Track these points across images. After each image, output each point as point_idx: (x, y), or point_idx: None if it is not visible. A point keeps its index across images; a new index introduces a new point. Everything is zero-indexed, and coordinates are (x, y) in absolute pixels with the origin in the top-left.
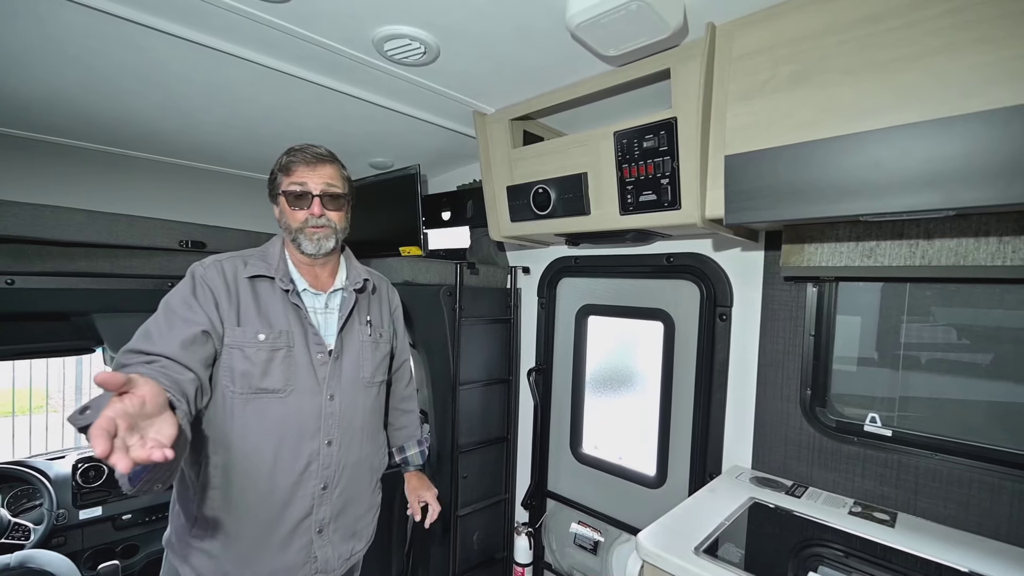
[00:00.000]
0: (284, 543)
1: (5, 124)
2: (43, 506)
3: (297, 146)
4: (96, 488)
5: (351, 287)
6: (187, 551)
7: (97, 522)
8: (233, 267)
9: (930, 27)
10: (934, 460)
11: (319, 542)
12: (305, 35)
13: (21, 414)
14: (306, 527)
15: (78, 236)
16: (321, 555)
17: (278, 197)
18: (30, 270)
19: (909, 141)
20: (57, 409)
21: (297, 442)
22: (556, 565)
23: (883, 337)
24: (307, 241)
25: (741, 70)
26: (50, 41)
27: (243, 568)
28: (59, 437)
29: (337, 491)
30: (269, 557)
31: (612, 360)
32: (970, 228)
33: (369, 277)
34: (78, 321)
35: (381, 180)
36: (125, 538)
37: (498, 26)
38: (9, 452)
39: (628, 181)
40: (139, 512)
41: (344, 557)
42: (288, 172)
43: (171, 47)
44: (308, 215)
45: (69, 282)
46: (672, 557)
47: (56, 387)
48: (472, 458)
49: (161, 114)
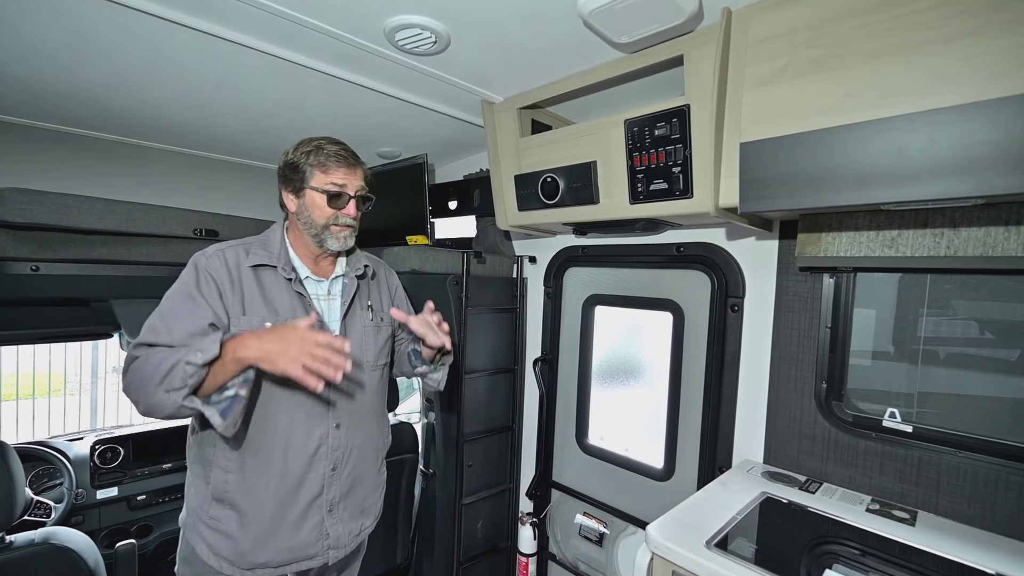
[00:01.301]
0: (298, 522)
1: (31, 116)
2: (63, 485)
3: (327, 141)
4: (113, 469)
5: (352, 273)
6: (204, 531)
7: (113, 502)
8: (235, 256)
9: (960, 8)
10: (958, 457)
11: (330, 520)
12: (317, 25)
13: (40, 396)
14: (318, 506)
15: (98, 224)
16: (333, 532)
17: (306, 191)
18: (53, 257)
19: (936, 127)
20: (74, 392)
21: (307, 426)
22: (560, 556)
23: (902, 330)
24: (333, 239)
25: (758, 55)
26: (73, 35)
27: (260, 546)
28: (75, 419)
29: (346, 471)
30: (284, 535)
31: (619, 350)
32: (999, 217)
33: (369, 263)
34: (97, 307)
35: (388, 169)
36: (140, 518)
37: (509, 13)
38: (30, 434)
39: (639, 169)
40: (153, 493)
41: (354, 533)
42: (326, 170)
43: (187, 39)
44: (340, 214)
45: (90, 269)
46: (682, 550)
47: (73, 371)
48: (477, 447)
49: (177, 105)
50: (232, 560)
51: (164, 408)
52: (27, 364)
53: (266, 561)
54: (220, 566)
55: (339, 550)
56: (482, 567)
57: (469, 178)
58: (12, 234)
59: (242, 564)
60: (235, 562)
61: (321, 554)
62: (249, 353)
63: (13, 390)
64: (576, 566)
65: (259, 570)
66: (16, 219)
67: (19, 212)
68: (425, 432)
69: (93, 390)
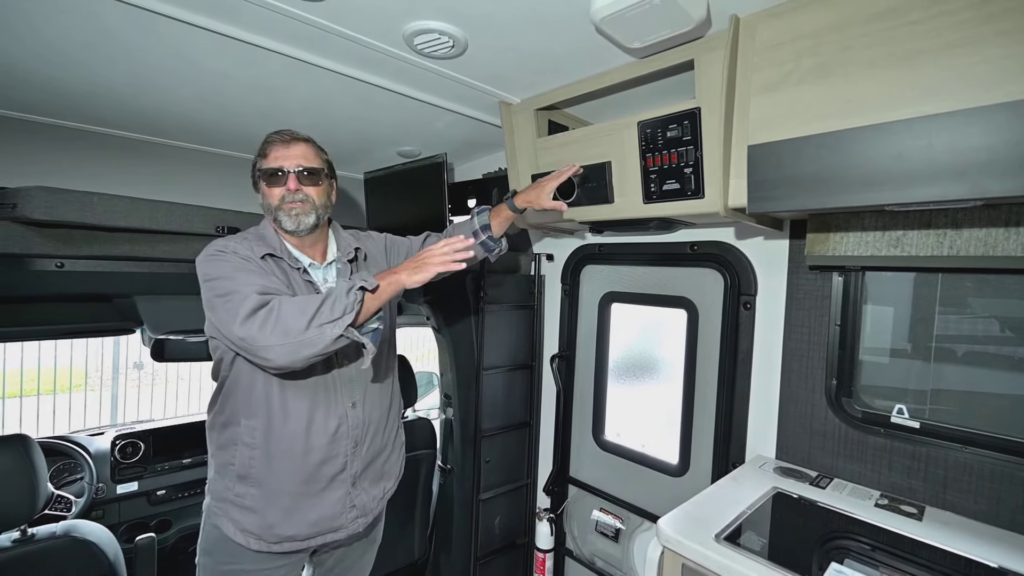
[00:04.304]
0: (323, 495)
1: (55, 115)
2: (84, 479)
3: (273, 132)
4: (133, 464)
5: (344, 258)
6: (230, 509)
7: (133, 496)
8: (248, 247)
9: (953, 20)
10: (964, 453)
11: (355, 492)
12: (339, 31)
13: (62, 392)
14: (341, 480)
15: (122, 222)
16: (359, 502)
17: (258, 181)
18: (78, 254)
19: (932, 132)
20: (95, 388)
21: (327, 405)
22: (577, 552)
23: (917, 328)
24: (286, 217)
25: (765, 61)
26: (97, 36)
27: (286, 520)
28: (96, 415)
29: (366, 445)
30: (310, 508)
31: (635, 347)
32: (999, 218)
33: (359, 244)
34: (120, 303)
35: (408, 168)
36: (159, 513)
37: (524, 19)
38: (51, 428)
39: (652, 170)
40: (173, 488)
41: (377, 498)
42: (264, 155)
43: (211, 43)
44: (284, 191)
45: (113, 265)
46: (692, 543)
47: (94, 366)
48: (495, 442)
49: (200, 105)
50: (259, 534)
51: (315, 344)
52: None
53: (293, 534)
54: (247, 542)
55: (367, 516)
56: (499, 563)
57: (488, 177)
58: (37, 231)
59: (269, 538)
60: (262, 536)
61: (348, 524)
62: (400, 276)
63: (35, 385)
64: (592, 562)
65: (286, 543)
66: (41, 217)
67: (44, 210)
68: (443, 428)
69: (114, 386)
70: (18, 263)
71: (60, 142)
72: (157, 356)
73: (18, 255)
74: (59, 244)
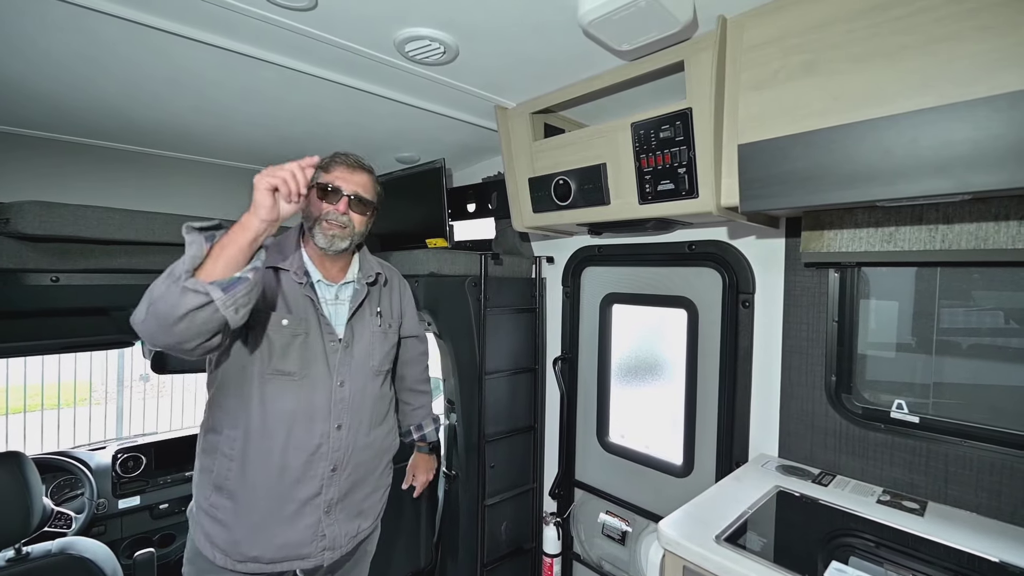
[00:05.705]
0: (293, 518)
1: (50, 129)
2: (84, 495)
3: (342, 152)
4: (135, 478)
5: (364, 280)
6: (203, 519)
7: (135, 511)
8: None
9: (934, 15)
10: (964, 447)
11: (327, 521)
12: (330, 39)
13: (67, 406)
14: (315, 506)
15: (118, 235)
16: (329, 533)
17: (309, 190)
18: (73, 268)
19: (917, 128)
20: (100, 401)
21: (309, 424)
22: (585, 556)
23: (919, 322)
24: (321, 235)
25: (752, 61)
26: (92, 49)
27: (253, 537)
28: (101, 428)
29: (346, 473)
30: (278, 530)
31: (637, 348)
32: (989, 212)
33: (381, 270)
34: (117, 316)
35: (407, 174)
36: (162, 527)
37: (514, 25)
38: (55, 443)
39: (646, 171)
40: (175, 502)
41: (351, 535)
42: (327, 170)
43: (206, 54)
44: (332, 210)
45: (109, 278)
46: (692, 545)
47: (99, 380)
48: (499, 447)
49: (197, 115)
50: (225, 550)
51: (166, 300)
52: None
53: (257, 555)
54: (214, 556)
55: (335, 551)
56: (507, 569)
57: (487, 181)
58: (31, 246)
59: (234, 555)
60: (228, 552)
61: (315, 555)
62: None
63: (38, 400)
64: (600, 566)
65: (250, 563)
66: (35, 231)
67: (38, 224)
68: (447, 434)
69: (119, 399)
70: (12, 278)
71: (56, 156)
72: (158, 368)
73: (12, 270)
74: (54, 258)
